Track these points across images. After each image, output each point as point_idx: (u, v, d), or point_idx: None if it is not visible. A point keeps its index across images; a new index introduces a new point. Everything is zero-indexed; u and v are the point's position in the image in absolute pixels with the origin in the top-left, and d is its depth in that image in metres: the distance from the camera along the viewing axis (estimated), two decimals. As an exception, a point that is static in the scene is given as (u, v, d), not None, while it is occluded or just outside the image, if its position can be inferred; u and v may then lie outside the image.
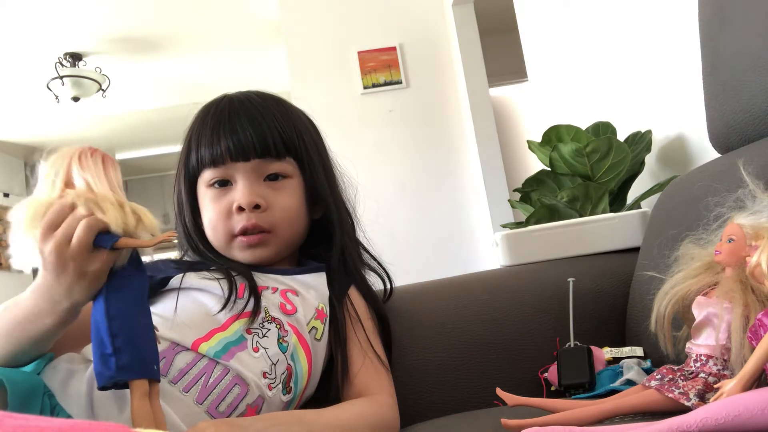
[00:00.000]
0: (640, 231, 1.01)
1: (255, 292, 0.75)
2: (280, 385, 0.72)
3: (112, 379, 0.54)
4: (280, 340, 0.74)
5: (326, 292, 0.84)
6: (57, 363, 0.67)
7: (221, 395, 0.67)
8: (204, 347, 0.68)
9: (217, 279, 0.76)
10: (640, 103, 1.41)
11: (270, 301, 0.77)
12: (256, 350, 0.71)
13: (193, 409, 0.65)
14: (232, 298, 0.73)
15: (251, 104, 0.82)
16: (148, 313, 0.59)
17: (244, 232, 0.79)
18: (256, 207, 0.79)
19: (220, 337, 0.70)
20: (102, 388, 0.56)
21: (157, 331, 0.62)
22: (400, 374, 0.86)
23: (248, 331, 0.72)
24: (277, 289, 0.79)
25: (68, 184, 0.58)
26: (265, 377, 0.71)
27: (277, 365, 0.72)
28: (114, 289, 0.57)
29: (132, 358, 0.54)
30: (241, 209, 0.79)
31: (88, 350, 0.69)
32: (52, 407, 0.63)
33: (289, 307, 0.77)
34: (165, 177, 5.71)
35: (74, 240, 0.56)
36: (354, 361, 0.81)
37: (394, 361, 0.87)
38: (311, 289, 0.82)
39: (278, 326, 0.75)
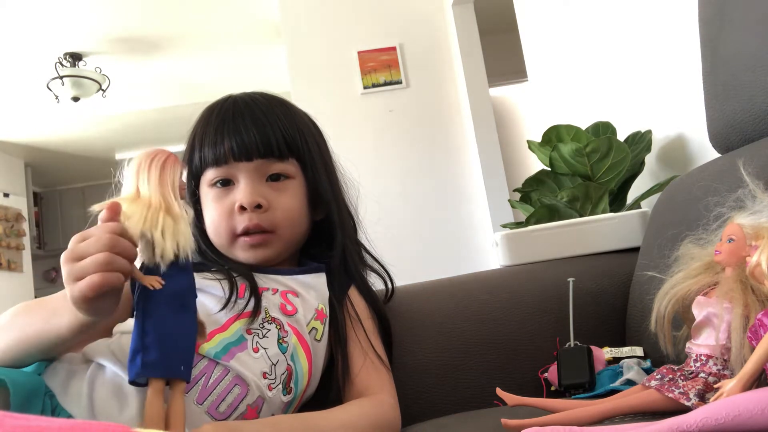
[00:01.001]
0: (640, 231, 1.01)
1: (255, 292, 0.75)
2: (280, 386, 0.72)
3: (138, 375, 0.55)
4: (280, 341, 0.74)
5: (326, 292, 0.84)
6: (58, 363, 0.68)
7: (221, 396, 0.67)
8: (204, 348, 0.69)
9: (218, 280, 0.76)
10: (640, 103, 1.41)
11: (270, 302, 0.77)
12: (256, 351, 0.71)
13: (193, 410, 0.66)
14: (233, 298, 0.73)
15: (255, 105, 0.82)
16: (187, 313, 0.59)
17: (246, 232, 0.79)
18: (258, 207, 0.79)
19: (220, 338, 0.70)
20: (131, 383, 0.56)
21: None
22: (400, 374, 0.86)
23: (248, 331, 0.72)
24: (278, 290, 0.79)
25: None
26: (265, 377, 0.71)
27: (277, 365, 0.72)
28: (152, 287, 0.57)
29: (157, 357, 0.55)
30: (243, 209, 0.79)
31: (89, 350, 0.69)
32: (53, 408, 0.63)
33: (289, 307, 0.77)
34: (165, 177, 5.70)
35: (76, 289, 0.55)
36: (355, 361, 0.81)
37: (394, 361, 0.87)
38: (311, 290, 0.82)
39: (278, 327, 0.75)
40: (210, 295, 0.75)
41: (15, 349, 0.64)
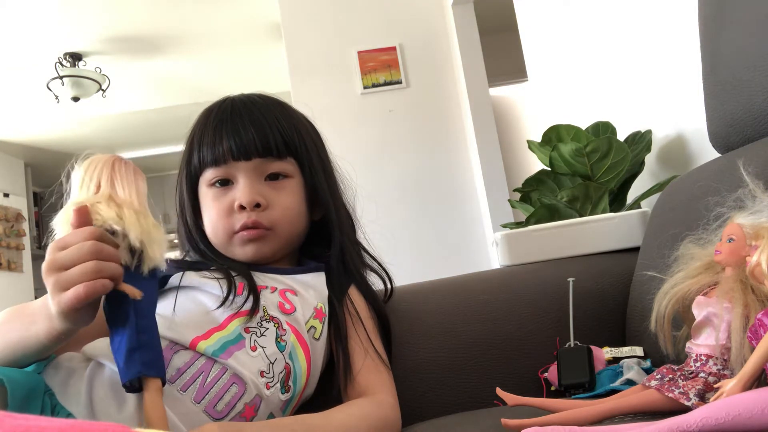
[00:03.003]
0: (640, 231, 1.01)
1: (254, 290, 0.75)
2: (278, 384, 0.72)
3: (139, 374, 0.54)
4: (278, 339, 0.74)
5: (325, 291, 0.84)
6: (57, 362, 0.68)
7: (219, 394, 0.67)
8: (202, 346, 0.69)
9: (217, 278, 0.76)
10: (640, 103, 1.41)
11: (269, 300, 0.77)
12: (253, 349, 0.71)
13: (190, 409, 0.66)
14: (231, 296, 0.74)
15: (253, 105, 0.83)
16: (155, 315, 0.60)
17: (245, 228, 0.80)
18: (257, 205, 0.80)
19: (218, 336, 0.70)
20: (127, 385, 0.56)
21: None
22: (401, 374, 0.86)
23: (246, 329, 0.73)
24: (276, 288, 0.79)
25: (99, 188, 0.59)
26: (262, 376, 0.71)
27: (274, 364, 0.72)
28: (140, 286, 0.57)
29: (155, 355, 0.55)
30: (242, 208, 0.79)
31: (88, 349, 0.69)
32: (52, 406, 0.63)
33: (287, 306, 0.77)
34: (165, 177, 5.71)
35: (63, 300, 0.54)
36: (355, 360, 0.81)
37: (394, 361, 0.87)
38: (310, 289, 0.82)
39: (276, 325, 0.75)
40: (209, 294, 0.75)
41: (1, 354, 0.64)
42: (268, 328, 0.74)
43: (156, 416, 0.53)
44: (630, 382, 0.71)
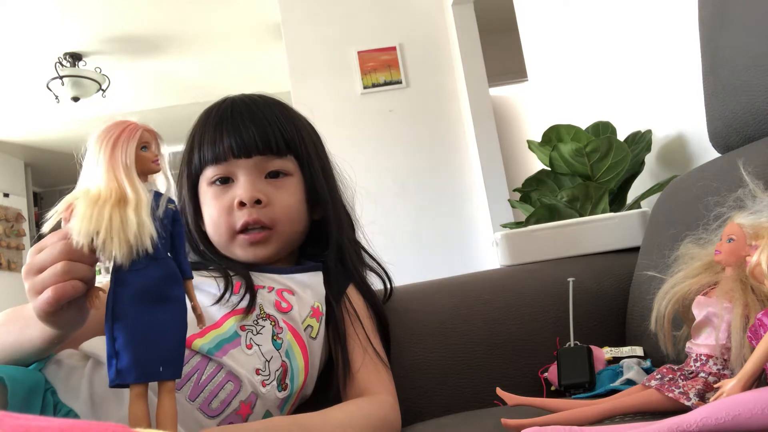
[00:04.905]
0: (640, 231, 1.01)
1: (251, 289, 0.76)
2: (274, 382, 0.72)
3: (113, 382, 0.53)
4: (275, 337, 0.74)
5: (322, 291, 0.84)
6: (59, 359, 0.68)
7: (213, 392, 0.67)
8: (197, 343, 0.69)
9: (214, 277, 0.76)
10: (640, 103, 1.41)
11: (265, 299, 0.77)
12: (249, 347, 0.72)
13: (185, 406, 0.66)
14: (227, 294, 0.74)
15: (254, 104, 0.83)
16: (166, 307, 0.53)
17: (246, 227, 0.80)
18: (258, 202, 0.80)
19: (214, 335, 0.70)
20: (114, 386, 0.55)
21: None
22: (401, 374, 0.86)
23: (242, 328, 0.73)
24: (273, 288, 0.79)
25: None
26: (258, 374, 0.71)
27: (270, 362, 0.72)
28: (120, 284, 0.52)
29: (129, 362, 0.51)
30: (242, 204, 0.79)
31: (86, 347, 0.69)
32: (54, 403, 0.63)
33: (284, 305, 0.78)
34: (165, 177, 5.72)
35: (36, 304, 0.52)
36: (354, 359, 0.81)
37: (394, 360, 0.87)
38: (307, 288, 0.82)
39: (273, 323, 0.75)
40: (206, 293, 0.75)
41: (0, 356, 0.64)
42: (264, 326, 0.74)
43: (134, 419, 0.51)
44: (630, 382, 0.71)
